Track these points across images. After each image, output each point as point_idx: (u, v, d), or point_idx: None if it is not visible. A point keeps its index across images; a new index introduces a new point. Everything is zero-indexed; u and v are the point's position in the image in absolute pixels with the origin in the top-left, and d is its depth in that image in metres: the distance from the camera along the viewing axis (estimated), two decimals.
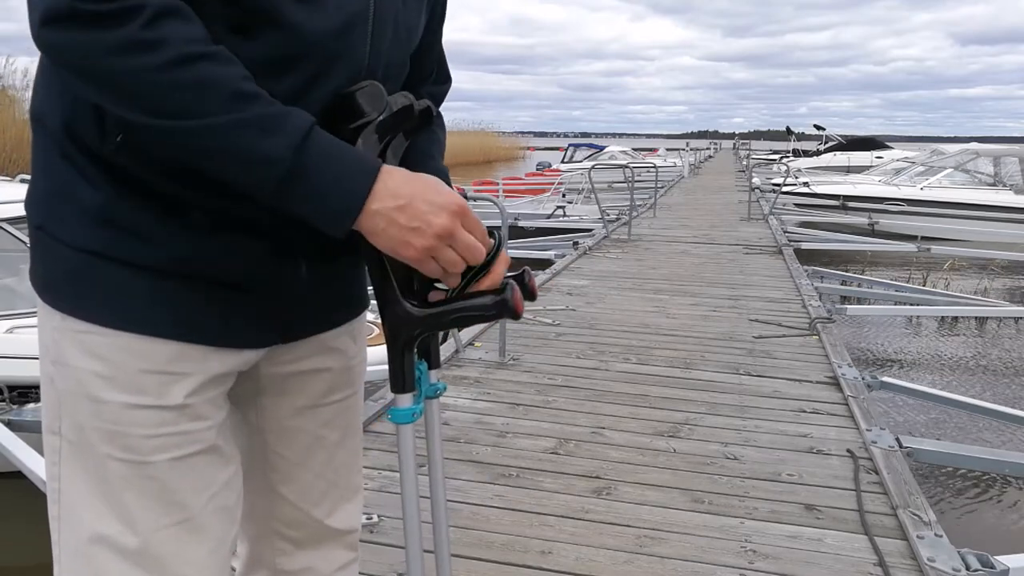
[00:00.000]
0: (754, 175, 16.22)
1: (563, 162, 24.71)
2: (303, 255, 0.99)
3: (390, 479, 2.76)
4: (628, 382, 4.01)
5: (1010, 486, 4.42)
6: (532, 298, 0.98)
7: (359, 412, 1.22)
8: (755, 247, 9.18)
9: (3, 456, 2.97)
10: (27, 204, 0.96)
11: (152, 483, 0.92)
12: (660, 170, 15.45)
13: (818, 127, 33.59)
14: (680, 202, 15.13)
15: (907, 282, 9.10)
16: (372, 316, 1.25)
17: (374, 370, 3.31)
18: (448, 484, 2.31)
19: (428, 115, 1.00)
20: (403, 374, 0.97)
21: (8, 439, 3.00)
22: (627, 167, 11.95)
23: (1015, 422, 4.30)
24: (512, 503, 2.65)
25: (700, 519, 2.57)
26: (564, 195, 15.88)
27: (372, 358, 1.43)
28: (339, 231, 0.86)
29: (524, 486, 2.79)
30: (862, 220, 13.99)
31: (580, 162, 22.72)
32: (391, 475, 2.79)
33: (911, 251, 10.48)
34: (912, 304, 7.55)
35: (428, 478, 1.09)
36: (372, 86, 0.94)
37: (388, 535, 2.40)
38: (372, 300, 1.21)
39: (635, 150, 29.91)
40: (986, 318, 8.06)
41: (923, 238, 11.67)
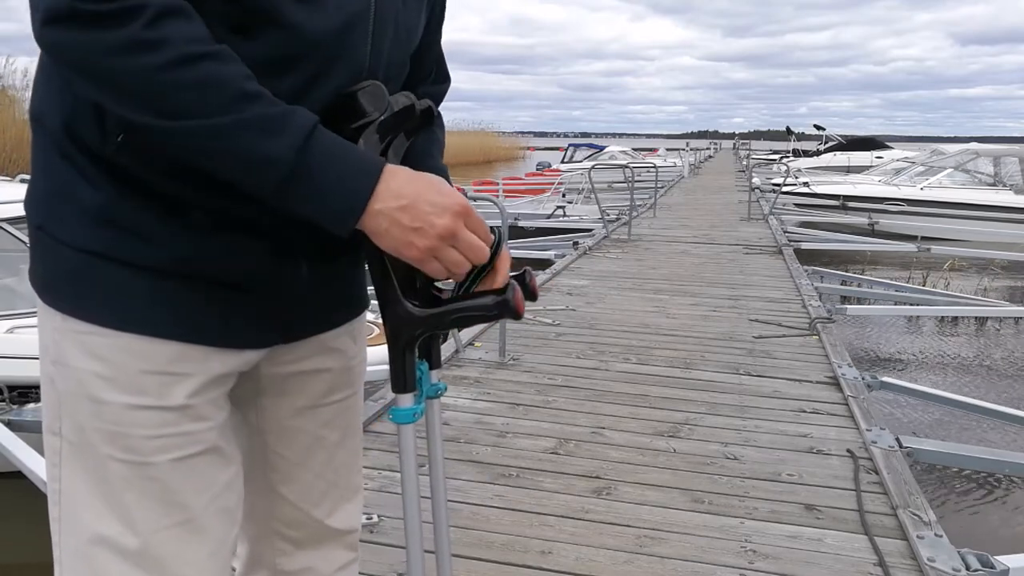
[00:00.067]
0: (754, 175, 16.21)
1: (563, 162, 24.71)
2: (303, 255, 0.99)
3: (390, 479, 2.76)
4: (628, 382, 4.01)
5: (1010, 486, 4.42)
6: (533, 298, 0.98)
7: (359, 412, 1.22)
8: (755, 247, 9.18)
9: (3, 456, 2.97)
10: (27, 204, 0.96)
11: (153, 484, 0.92)
12: (660, 170, 15.45)
13: (818, 127, 33.59)
14: (680, 202, 15.13)
15: (907, 282, 9.09)
16: (372, 316, 1.25)
17: (374, 370, 3.31)
18: (448, 484, 2.31)
19: (429, 115, 1.00)
20: (404, 374, 0.97)
21: (8, 439, 3.00)
22: (627, 167, 11.95)
23: (1015, 422, 4.30)
24: (512, 503, 2.65)
25: (700, 519, 2.57)
26: (564, 195, 15.88)
27: (372, 358, 1.43)
28: (343, 230, 0.86)
29: (524, 486, 2.79)
30: (862, 220, 13.99)
31: (580, 162, 22.71)
32: (391, 475, 2.79)
33: (911, 251, 10.48)
34: (912, 304, 7.55)
35: (428, 478, 1.09)
36: (374, 86, 0.94)
37: (388, 535, 2.40)
38: (372, 300, 1.21)
39: (635, 150, 29.90)
40: (986, 318, 8.06)
41: (923, 238, 11.66)
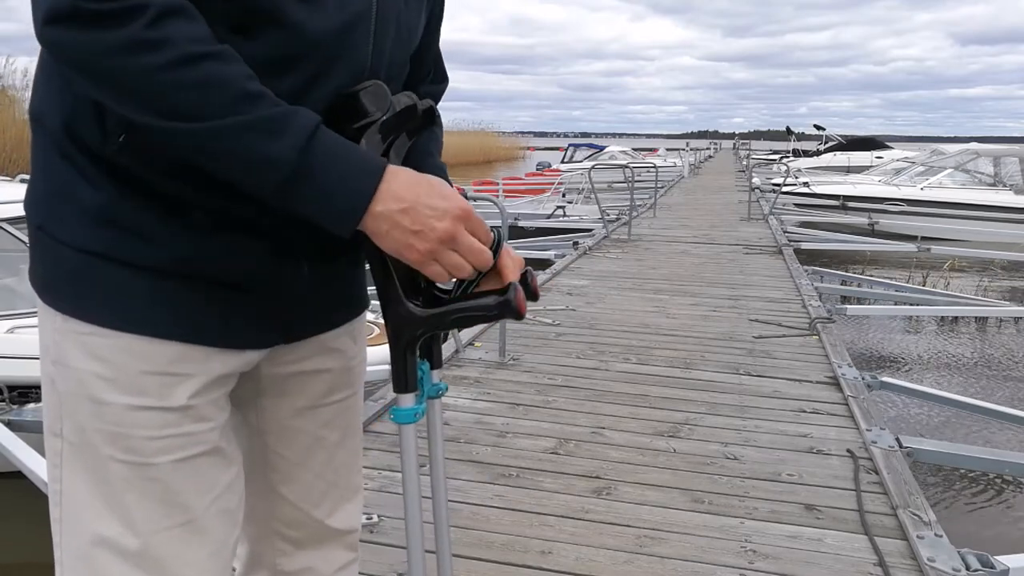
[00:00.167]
0: (754, 175, 16.21)
1: (563, 162, 24.71)
2: (304, 255, 0.99)
3: (390, 479, 2.76)
4: (628, 382, 4.00)
5: (1010, 486, 4.42)
6: (534, 298, 0.98)
7: (359, 412, 1.22)
8: (755, 247, 9.18)
9: (3, 456, 2.97)
10: (27, 204, 0.96)
11: (154, 485, 0.92)
12: (660, 170, 15.45)
13: (818, 127, 33.59)
14: (680, 202, 15.13)
15: (907, 282, 9.09)
16: (372, 316, 1.25)
17: (374, 370, 3.31)
18: (448, 484, 2.31)
19: (431, 115, 1.00)
20: (406, 374, 0.97)
21: (8, 439, 3.00)
22: (627, 167, 11.95)
23: (1015, 422, 4.29)
24: (512, 503, 2.65)
25: (700, 519, 2.57)
26: (564, 195, 15.88)
27: (372, 358, 1.43)
28: (344, 231, 0.86)
29: (524, 486, 2.78)
30: (862, 220, 13.99)
31: (580, 162, 22.71)
32: (391, 475, 2.79)
33: (911, 251, 10.47)
34: (912, 304, 7.54)
35: (429, 478, 1.09)
36: (376, 86, 0.94)
37: (388, 535, 2.40)
38: (372, 300, 1.21)
39: (635, 150, 29.90)
40: (986, 318, 8.06)
41: (923, 238, 11.66)
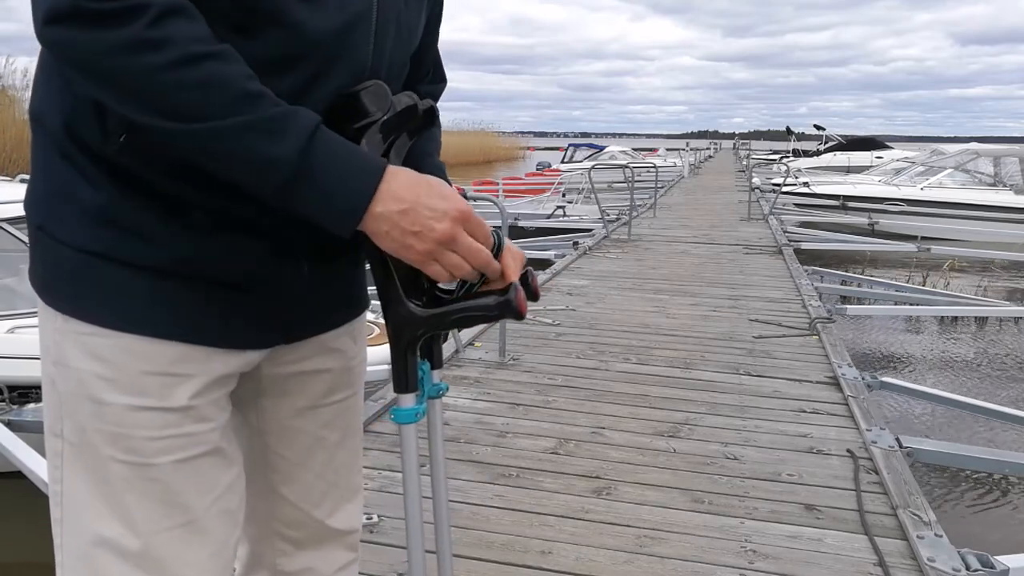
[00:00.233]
0: (754, 175, 16.21)
1: (563, 162, 24.71)
2: (304, 255, 0.99)
3: (390, 479, 2.76)
4: (628, 382, 4.00)
5: (1010, 486, 4.42)
6: (535, 298, 0.98)
7: (359, 412, 1.22)
8: (755, 247, 9.18)
9: (3, 456, 2.97)
10: (27, 204, 0.96)
11: (155, 485, 0.92)
12: (660, 170, 15.45)
13: (818, 127, 33.59)
14: (680, 202, 15.13)
15: (907, 282, 9.09)
16: (372, 316, 1.25)
17: (374, 370, 3.31)
18: (448, 484, 2.31)
19: (432, 115, 1.00)
20: (406, 374, 0.97)
21: (8, 439, 3.00)
22: (627, 167, 11.95)
23: (1015, 422, 4.29)
24: (512, 503, 2.65)
25: (700, 519, 2.57)
26: (564, 195, 15.88)
27: (371, 358, 1.42)
28: (345, 231, 0.86)
29: (524, 486, 2.78)
30: (862, 220, 13.99)
31: (580, 162, 22.71)
32: (391, 475, 2.79)
33: (911, 251, 10.48)
34: (912, 304, 7.55)
35: (429, 478, 1.09)
36: (377, 86, 0.94)
37: (388, 535, 2.40)
38: (372, 300, 1.21)
39: (635, 150, 29.90)
40: (986, 318, 8.06)
41: (923, 238, 11.66)
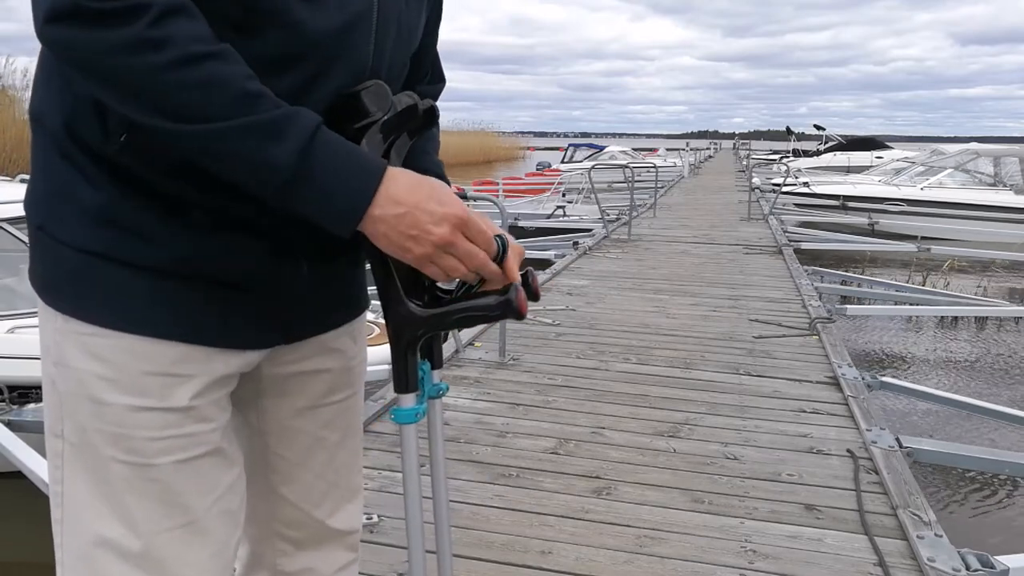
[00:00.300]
0: (754, 175, 16.21)
1: (563, 162, 24.71)
2: (304, 255, 0.99)
3: (390, 479, 2.76)
4: (628, 382, 4.00)
5: (1010, 486, 4.42)
6: (535, 298, 0.98)
7: (359, 412, 1.22)
8: (755, 247, 9.18)
9: (3, 456, 2.97)
10: (27, 204, 0.96)
11: (155, 486, 0.92)
12: (660, 170, 15.45)
13: (818, 127, 33.58)
14: (680, 202, 15.13)
15: (907, 282, 9.09)
16: (372, 316, 1.25)
17: (373, 370, 3.31)
18: (448, 484, 2.31)
19: (432, 115, 1.00)
20: (407, 374, 0.96)
21: (8, 439, 3.00)
22: (627, 167, 11.95)
23: (1015, 422, 4.29)
24: (512, 503, 2.65)
25: (700, 519, 2.57)
26: (564, 195, 15.88)
27: (371, 358, 1.42)
28: (345, 231, 0.86)
29: (524, 486, 2.78)
30: (862, 220, 13.99)
31: (580, 162, 22.71)
32: (391, 475, 2.79)
33: (911, 251, 10.47)
34: (912, 304, 7.55)
35: (430, 478, 1.09)
36: (377, 86, 0.94)
37: (388, 535, 2.40)
38: (372, 300, 1.21)
39: (635, 150, 29.90)
40: (986, 318, 8.06)
41: (923, 238, 11.66)
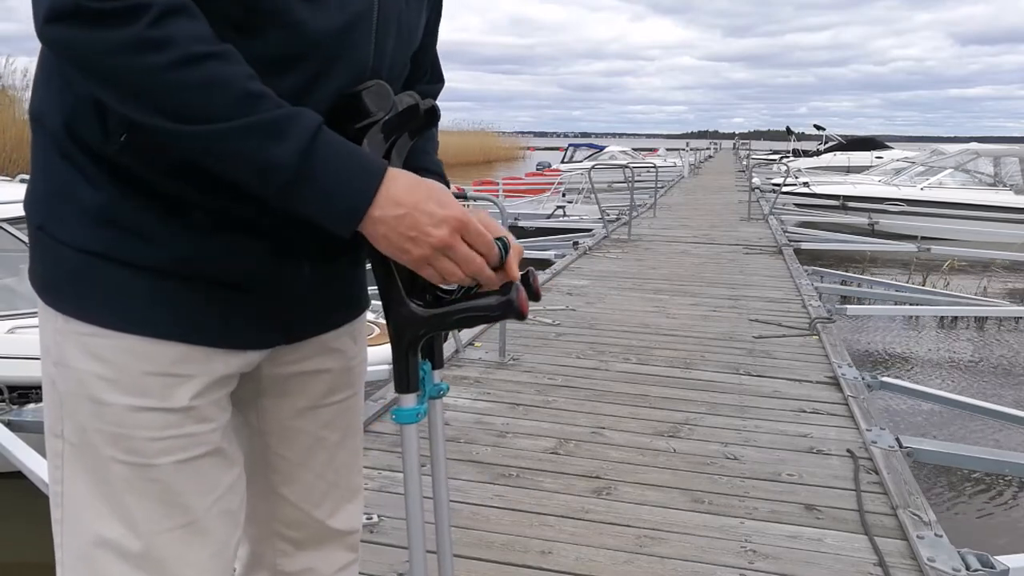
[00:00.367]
0: (754, 175, 16.21)
1: (563, 162, 24.71)
2: (304, 255, 0.99)
3: (390, 479, 2.76)
4: (628, 382, 4.00)
5: (1010, 486, 4.42)
6: (536, 298, 0.98)
7: (359, 413, 1.22)
8: (755, 247, 9.18)
9: (3, 456, 2.97)
10: (27, 204, 0.96)
11: (156, 486, 0.92)
12: (660, 170, 15.45)
13: (818, 127, 33.58)
14: (680, 202, 15.12)
15: (907, 282, 9.09)
16: (372, 316, 1.25)
17: (373, 370, 3.30)
18: (448, 484, 2.31)
19: (433, 114, 1.00)
20: (408, 374, 0.96)
21: (8, 439, 3.00)
22: (627, 167, 11.95)
23: (1015, 422, 4.29)
24: (512, 503, 2.65)
25: (700, 519, 2.57)
26: (564, 195, 15.89)
27: (372, 358, 1.42)
28: (345, 231, 0.86)
29: (524, 486, 2.78)
30: (862, 220, 13.99)
31: (580, 162, 22.71)
32: (391, 475, 2.79)
33: (911, 251, 10.48)
34: (912, 304, 7.55)
35: (430, 478, 1.09)
36: (379, 86, 0.94)
37: (388, 535, 2.39)
38: (372, 300, 1.21)
39: (635, 150, 29.90)
40: (986, 318, 8.06)
41: (923, 238, 11.66)
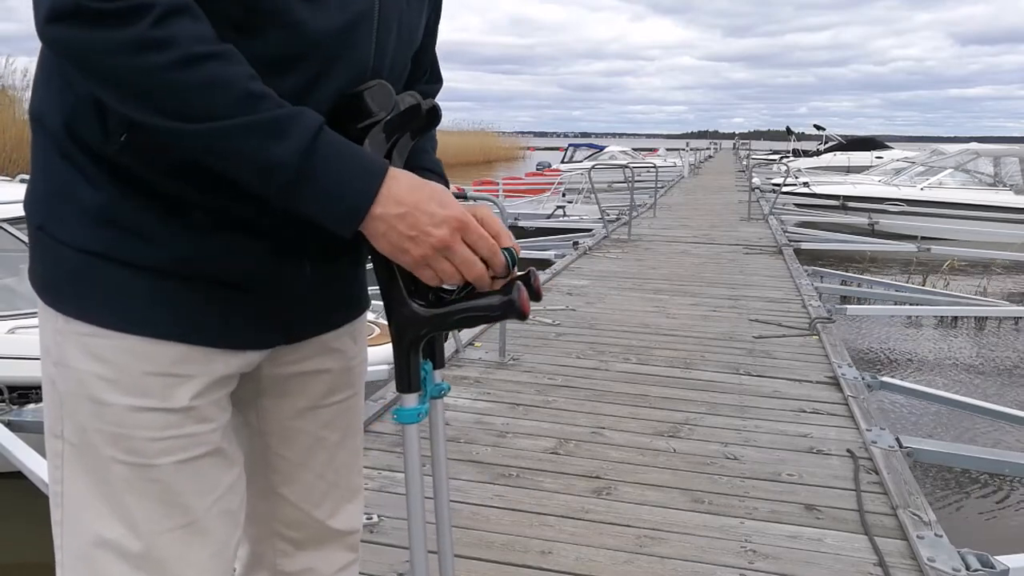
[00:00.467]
0: (754, 175, 16.21)
1: (563, 162, 24.71)
2: (305, 255, 0.99)
3: (390, 479, 2.76)
4: (628, 382, 4.00)
5: (1010, 486, 4.42)
6: (538, 298, 0.97)
7: (360, 413, 1.22)
8: (755, 247, 9.18)
9: (3, 456, 2.97)
10: (27, 204, 0.96)
11: (156, 486, 0.92)
12: (660, 170, 15.45)
13: (818, 127, 33.58)
14: (680, 202, 15.12)
15: (907, 282, 9.09)
16: (372, 316, 1.25)
17: (373, 370, 3.30)
18: (449, 484, 2.31)
19: (434, 114, 1.00)
20: (409, 374, 0.96)
21: (8, 439, 3.00)
22: (627, 167, 11.95)
23: (1015, 422, 4.30)
24: (512, 503, 2.65)
25: (700, 519, 2.57)
26: (564, 195, 15.89)
27: (372, 358, 1.42)
28: (346, 231, 0.86)
29: (524, 486, 2.78)
30: (862, 220, 14.00)
31: (580, 162, 22.71)
32: (391, 475, 2.79)
33: (911, 251, 10.48)
34: (912, 304, 7.55)
35: (431, 478, 1.09)
36: (380, 86, 0.94)
37: (388, 535, 2.39)
38: (373, 300, 1.21)
39: (635, 150, 29.90)
40: (986, 318, 8.06)
41: (923, 238, 11.66)
